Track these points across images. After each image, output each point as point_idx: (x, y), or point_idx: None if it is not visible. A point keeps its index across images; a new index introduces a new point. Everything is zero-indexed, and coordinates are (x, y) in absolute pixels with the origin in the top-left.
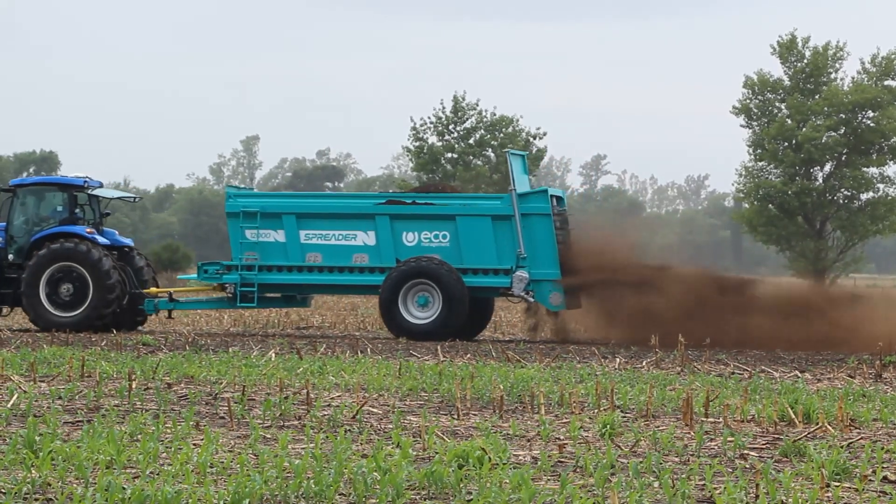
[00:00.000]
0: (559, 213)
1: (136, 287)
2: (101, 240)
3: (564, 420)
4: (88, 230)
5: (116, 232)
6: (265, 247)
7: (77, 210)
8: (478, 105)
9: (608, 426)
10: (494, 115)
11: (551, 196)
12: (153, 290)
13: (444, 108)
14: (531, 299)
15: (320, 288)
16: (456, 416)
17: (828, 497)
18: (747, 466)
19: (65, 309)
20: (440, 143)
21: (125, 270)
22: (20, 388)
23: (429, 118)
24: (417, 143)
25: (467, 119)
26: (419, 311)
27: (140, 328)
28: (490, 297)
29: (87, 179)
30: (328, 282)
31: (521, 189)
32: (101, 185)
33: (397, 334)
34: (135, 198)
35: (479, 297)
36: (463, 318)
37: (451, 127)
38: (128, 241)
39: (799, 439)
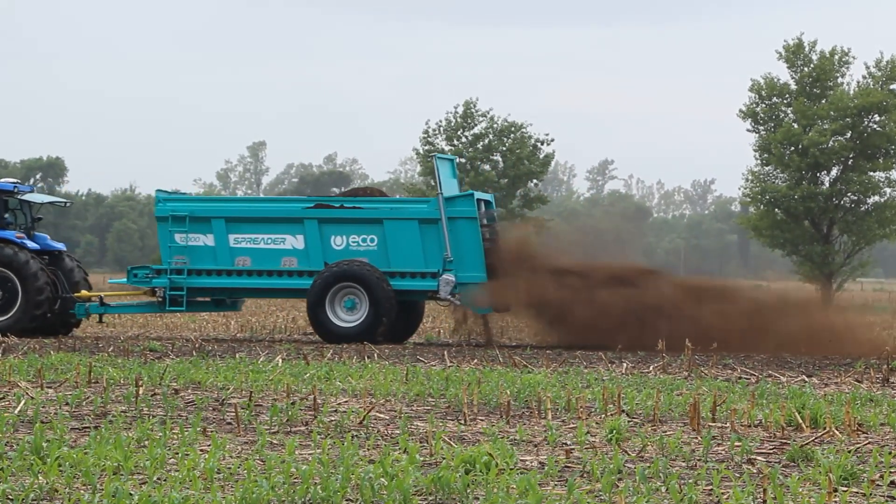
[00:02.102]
0: (487, 217)
1: (66, 291)
2: (31, 244)
3: (571, 425)
4: (18, 235)
5: (48, 236)
6: (194, 251)
7: (7, 215)
8: (489, 112)
9: (615, 431)
10: (505, 121)
11: (479, 200)
12: (84, 293)
13: (456, 113)
14: (458, 302)
15: (249, 292)
16: (463, 422)
17: (835, 502)
18: (755, 471)
19: None
20: (449, 148)
21: (56, 275)
22: (27, 394)
23: (439, 123)
24: (427, 147)
25: (476, 125)
26: (346, 315)
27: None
28: (420, 301)
29: (16, 184)
30: (257, 285)
31: (449, 193)
32: (31, 191)
33: (324, 338)
34: (65, 202)
35: (408, 301)
36: (390, 321)
37: (460, 132)
38: (59, 246)
39: (806, 444)
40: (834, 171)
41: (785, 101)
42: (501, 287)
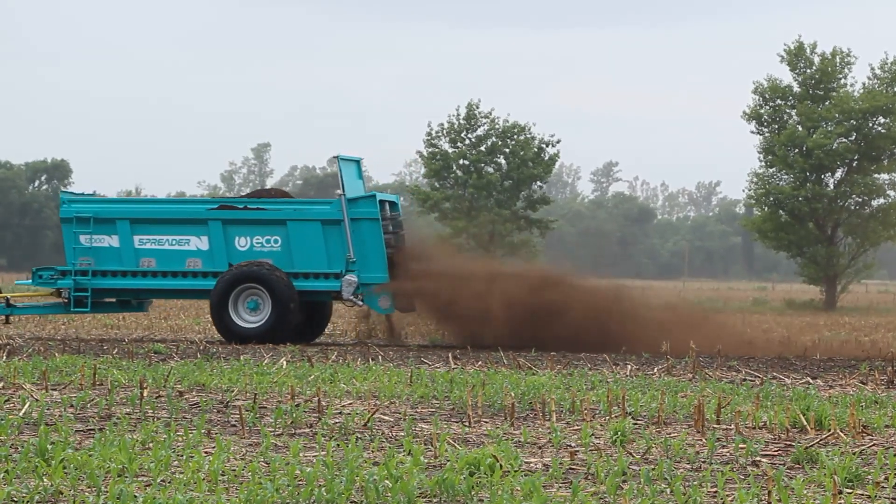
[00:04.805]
0: (391, 218)
1: None
2: None
3: (576, 427)
4: None
5: None
6: (99, 252)
7: None
8: (491, 113)
9: (619, 433)
10: (507, 122)
11: (382, 201)
12: None
13: (458, 114)
14: (360, 303)
15: (154, 293)
16: (467, 424)
17: None
18: (759, 473)
19: None
20: (453, 150)
21: None
22: (32, 396)
23: (442, 124)
24: (431, 149)
25: (479, 126)
26: (249, 316)
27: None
28: (326, 301)
29: None
30: (162, 286)
31: (353, 194)
32: None
33: (227, 338)
34: None
35: (313, 301)
36: (293, 321)
37: (463, 134)
38: None
39: (811, 446)
40: (838, 173)
41: (788, 104)
42: (404, 287)
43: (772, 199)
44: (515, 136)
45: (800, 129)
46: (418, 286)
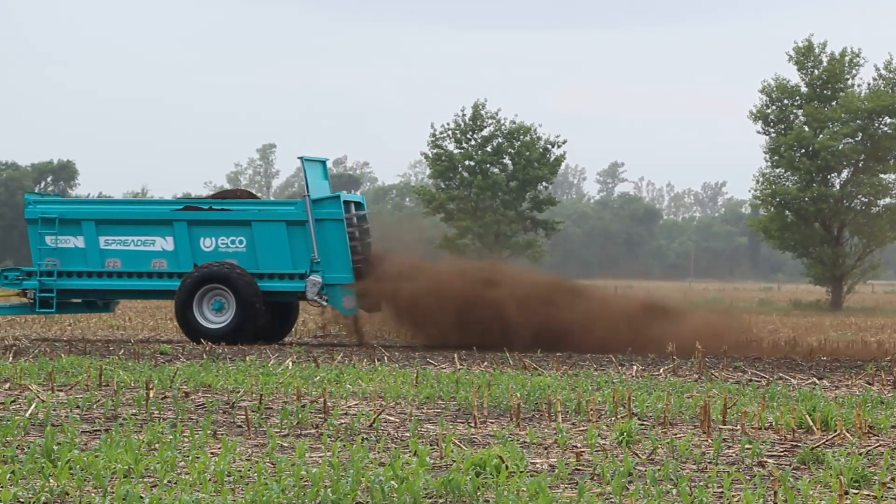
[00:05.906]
0: (357, 219)
1: None
2: None
3: (581, 428)
4: None
5: None
6: (65, 253)
7: None
8: (497, 114)
9: (625, 434)
10: (514, 123)
11: (347, 202)
12: None
13: (464, 115)
14: (325, 303)
15: (120, 293)
16: (473, 424)
17: None
18: (765, 474)
19: None
20: (458, 151)
21: None
22: (38, 397)
23: (447, 125)
24: (436, 150)
25: (485, 127)
26: (214, 316)
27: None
28: (292, 302)
29: None
30: (128, 287)
31: (319, 195)
32: None
33: (192, 338)
34: None
35: (280, 302)
36: (258, 322)
37: (468, 135)
38: None
39: (817, 447)
40: (844, 174)
41: (795, 104)
42: (368, 288)
43: (778, 199)
44: (521, 137)
45: (806, 129)
46: (382, 286)
